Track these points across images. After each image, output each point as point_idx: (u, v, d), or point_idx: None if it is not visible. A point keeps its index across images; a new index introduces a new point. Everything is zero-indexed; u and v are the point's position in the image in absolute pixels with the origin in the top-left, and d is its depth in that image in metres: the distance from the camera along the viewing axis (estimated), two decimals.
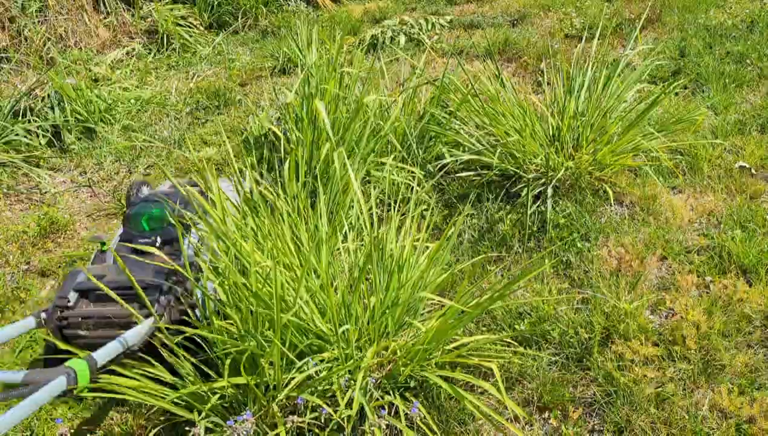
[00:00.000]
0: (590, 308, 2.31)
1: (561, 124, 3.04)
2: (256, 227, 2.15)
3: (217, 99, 4.70)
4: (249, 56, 5.60)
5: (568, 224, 2.74)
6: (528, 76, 4.41)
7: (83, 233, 3.32)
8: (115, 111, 4.61)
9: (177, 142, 4.15)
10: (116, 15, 6.27)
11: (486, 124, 3.13)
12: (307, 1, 6.76)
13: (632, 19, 4.83)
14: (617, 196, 2.88)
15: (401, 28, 5.45)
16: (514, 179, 2.98)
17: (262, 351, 1.85)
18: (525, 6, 5.63)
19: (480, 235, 2.79)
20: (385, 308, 2.11)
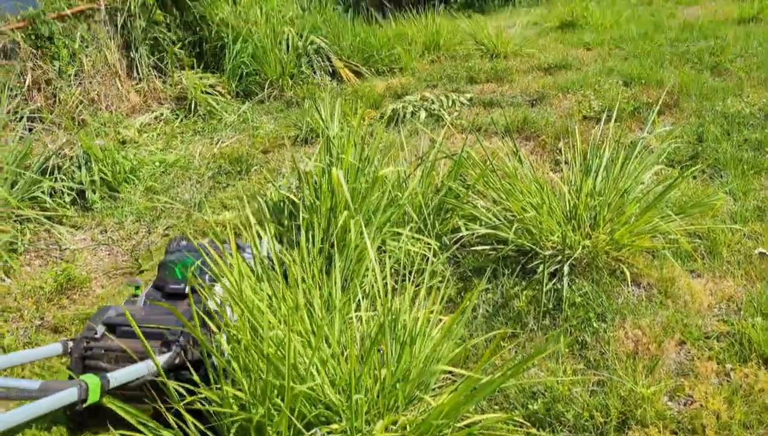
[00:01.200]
0: (606, 390, 2.24)
1: (578, 203, 3.05)
2: (271, 292, 2.15)
3: (239, 165, 4.80)
4: (273, 125, 5.75)
5: (585, 303, 2.70)
6: (546, 155, 4.46)
7: (98, 291, 3.33)
8: (140, 172, 4.72)
9: (197, 205, 4.22)
10: (148, 81, 6.52)
11: (503, 199, 3.15)
12: (332, 75, 7.00)
13: (650, 103, 4.92)
14: (635, 278, 2.85)
15: (422, 103, 5.60)
16: (530, 255, 2.97)
17: (270, 420, 1.81)
18: (544, 87, 5.77)
19: (495, 310, 2.76)
20: (396, 380, 2.07)
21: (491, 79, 6.30)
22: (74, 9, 5.90)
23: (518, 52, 7.01)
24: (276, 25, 6.88)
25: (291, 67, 6.70)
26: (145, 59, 6.53)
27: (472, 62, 6.84)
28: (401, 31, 7.92)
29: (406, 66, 7.05)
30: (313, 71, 6.91)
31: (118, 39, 6.41)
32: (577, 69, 6.26)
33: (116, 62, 6.33)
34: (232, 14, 6.75)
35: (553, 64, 6.42)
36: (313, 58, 6.98)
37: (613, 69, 5.95)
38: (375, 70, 7.05)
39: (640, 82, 5.42)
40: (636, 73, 5.61)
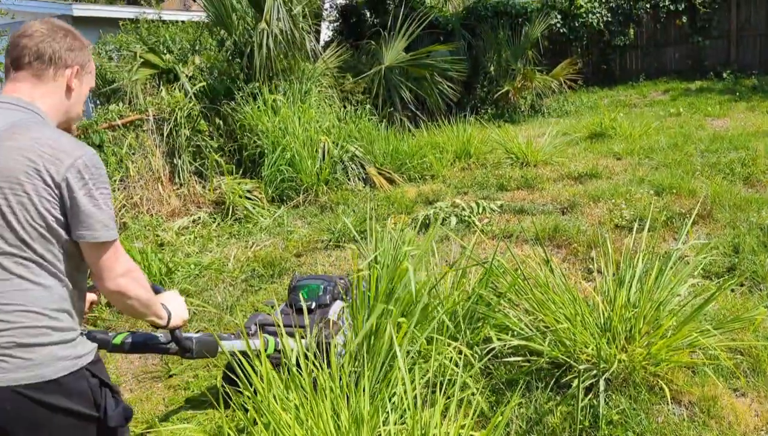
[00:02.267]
0: None
1: (612, 314, 3.00)
2: (299, 402, 2.12)
3: (272, 268, 4.87)
4: (307, 229, 5.87)
5: (623, 421, 2.59)
6: (578, 263, 4.44)
7: (126, 396, 3.32)
8: (175, 275, 4.82)
9: (229, 309, 4.25)
10: (188, 186, 6.79)
11: (535, 309, 3.11)
12: (365, 181, 7.20)
13: (682, 213, 4.91)
14: (674, 395, 2.73)
15: (453, 210, 5.68)
16: (565, 369, 2.89)
17: None
18: (574, 195, 5.82)
19: (528, 426, 2.65)
20: None
21: (521, 187, 6.39)
22: (125, 120, 6.28)
23: (548, 161, 7.15)
24: (313, 134, 7.19)
25: (326, 173, 6.92)
26: (187, 165, 6.84)
27: (503, 170, 6.99)
28: (433, 139, 8.20)
29: (437, 173, 7.23)
30: (347, 177, 7.13)
31: (163, 146, 6.76)
32: (608, 178, 6.33)
33: (160, 168, 6.64)
34: (272, 124, 7.09)
35: (583, 173, 6.51)
36: (348, 165, 7.22)
37: (644, 178, 6.01)
38: (407, 177, 7.24)
39: (672, 192, 5.44)
40: (667, 182, 5.65)
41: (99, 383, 1.58)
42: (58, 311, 1.50)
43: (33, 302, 1.45)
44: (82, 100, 1.73)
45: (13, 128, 1.48)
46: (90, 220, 1.49)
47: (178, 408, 3.19)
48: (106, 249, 1.53)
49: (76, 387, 1.50)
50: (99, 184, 1.51)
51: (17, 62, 1.59)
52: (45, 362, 1.45)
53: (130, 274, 1.61)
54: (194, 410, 3.18)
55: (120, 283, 1.57)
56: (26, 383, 1.42)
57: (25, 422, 1.43)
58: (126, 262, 1.60)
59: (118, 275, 1.56)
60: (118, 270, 1.57)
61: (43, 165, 1.45)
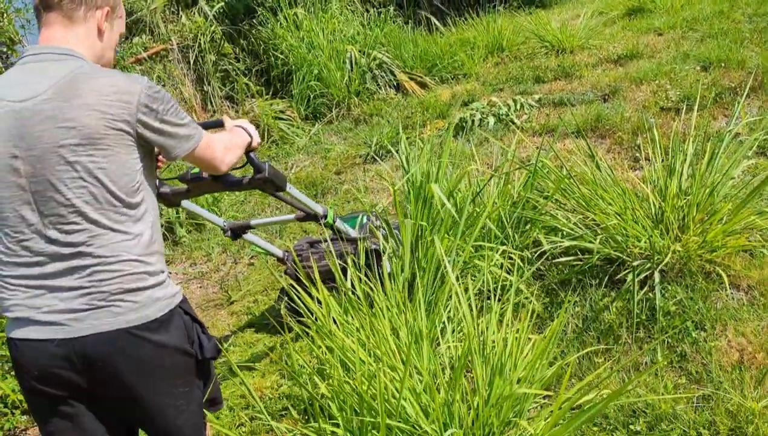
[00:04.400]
0: (712, 406, 2.14)
1: (664, 205, 2.93)
2: (358, 324, 2.18)
3: (315, 188, 4.91)
4: (343, 145, 5.84)
5: (680, 311, 2.59)
6: (623, 153, 4.32)
7: None
8: (222, 202, 4.90)
9: (278, 231, 4.33)
10: (221, 112, 6.77)
11: (583, 207, 3.07)
12: (397, 88, 7.04)
13: (732, 87, 4.67)
14: (733, 280, 2.70)
15: (490, 109, 5.53)
16: (618, 264, 2.88)
17: None
18: (615, 80, 5.58)
19: (585, 324, 2.69)
20: (490, 406, 2.05)
21: (559, 77, 6.14)
22: (150, 51, 6.21)
23: (585, 46, 6.80)
24: (338, 45, 6.99)
25: (356, 85, 6.78)
26: (218, 91, 6.80)
27: (538, 61, 6.71)
28: (462, 36, 7.87)
29: (470, 72, 6.99)
30: (377, 86, 6.97)
31: (191, 74, 6.71)
32: (650, 57, 6.01)
33: (191, 97, 6.62)
34: (296, 40, 6.92)
35: (623, 55, 6.20)
36: (377, 73, 7.04)
37: (689, 53, 5.69)
38: (439, 79, 7.03)
39: (720, 66, 5.15)
40: (714, 55, 5.34)
41: (191, 319, 1.68)
42: (150, 255, 1.58)
43: (129, 250, 1.52)
44: (113, 45, 1.72)
45: (73, 83, 1.48)
46: (175, 140, 1.58)
47: (243, 333, 3.33)
48: (202, 148, 1.65)
49: (175, 324, 1.60)
50: (166, 105, 1.56)
51: (47, 2, 1.56)
52: (147, 303, 1.54)
53: (229, 150, 1.76)
54: (258, 334, 3.32)
55: (227, 161, 1.74)
56: (137, 324, 1.51)
57: (138, 361, 1.53)
58: (218, 142, 1.72)
59: (224, 158, 1.72)
60: (219, 155, 1.71)
61: (117, 114, 1.48)
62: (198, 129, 1.65)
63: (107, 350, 1.49)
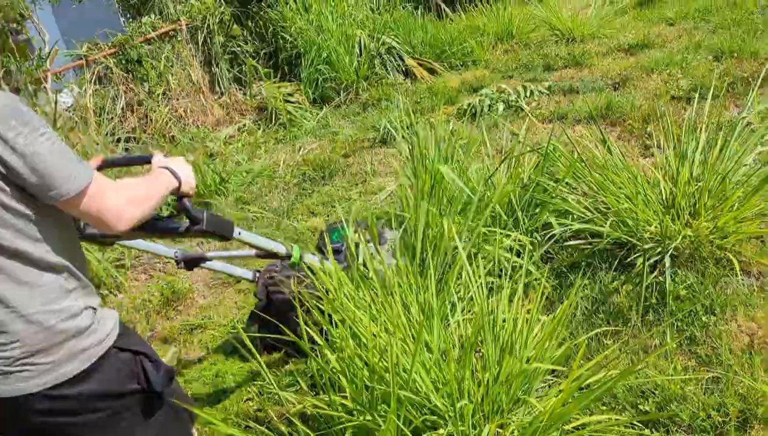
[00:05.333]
0: (722, 388, 2.14)
1: (675, 190, 2.92)
2: (370, 299, 2.18)
3: (323, 170, 4.90)
4: (351, 129, 5.83)
5: (690, 295, 2.59)
6: (634, 141, 4.30)
7: (201, 302, 3.49)
8: (228, 184, 4.90)
9: (286, 213, 4.34)
10: (229, 94, 6.76)
11: (594, 191, 3.06)
12: (405, 74, 7.01)
13: (744, 78, 4.64)
14: (743, 266, 2.70)
15: (499, 96, 5.51)
16: (628, 248, 2.87)
17: (378, 426, 1.85)
18: (626, 69, 5.55)
19: (594, 307, 2.69)
20: (500, 383, 2.05)
21: (569, 65, 6.12)
22: (159, 31, 6.20)
23: (595, 34, 6.78)
24: (347, 29, 6.96)
25: (364, 69, 6.76)
26: (226, 73, 6.78)
27: (548, 49, 6.68)
28: (472, 23, 7.84)
29: (479, 58, 6.97)
30: (386, 72, 6.95)
31: (200, 56, 6.69)
32: (661, 47, 5.99)
33: (199, 78, 6.60)
34: (305, 22, 6.89)
35: (634, 44, 6.17)
36: (386, 58, 7.01)
37: (701, 43, 5.66)
38: (448, 66, 7.01)
39: (732, 56, 5.12)
40: (726, 45, 5.31)
41: (131, 354, 1.46)
42: (63, 298, 1.33)
43: (31, 302, 1.28)
44: None
45: None
46: (47, 177, 1.22)
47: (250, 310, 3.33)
48: (87, 196, 1.27)
49: (107, 368, 1.39)
50: (31, 131, 1.21)
51: None
52: (67, 360, 1.32)
53: (133, 202, 1.37)
54: None
55: (127, 217, 1.34)
56: (54, 384, 1.31)
57: (66, 424, 1.35)
58: (115, 191, 1.33)
59: (121, 213, 1.32)
60: (114, 209, 1.31)
61: None
62: (84, 170, 1.27)
63: (27, 417, 1.32)
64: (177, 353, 3.05)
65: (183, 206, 1.66)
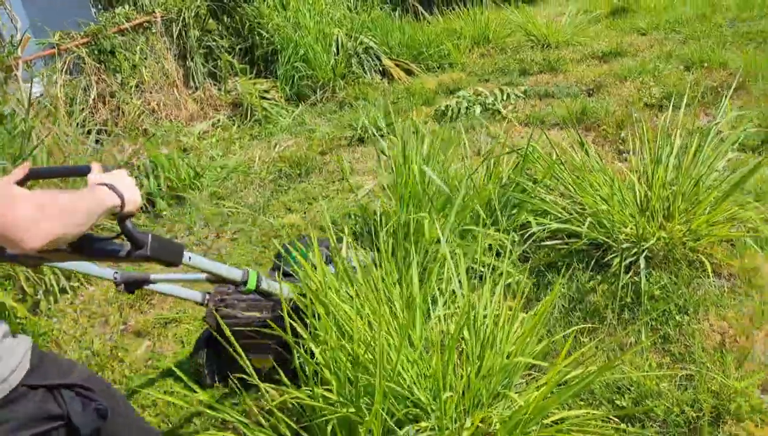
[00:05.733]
0: (696, 384, 2.20)
1: (650, 193, 2.99)
2: (354, 293, 2.18)
3: (299, 168, 4.88)
4: (328, 127, 5.81)
5: (664, 295, 2.65)
6: (608, 145, 4.38)
7: None
8: (203, 179, 4.84)
9: (262, 209, 4.30)
10: (204, 89, 6.68)
11: (572, 192, 3.11)
12: (382, 74, 7.02)
13: (714, 87, 4.78)
14: (715, 268, 2.77)
15: (476, 98, 5.56)
16: (604, 249, 2.93)
17: (361, 418, 1.84)
18: (600, 76, 5.66)
19: (571, 305, 2.73)
20: (481, 377, 2.07)
21: (544, 71, 6.21)
22: (133, 22, 6.09)
23: (570, 42, 6.89)
24: (325, 27, 6.95)
25: (341, 68, 6.75)
26: (200, 68, 6.70)
27: (524, 54, 6.77)
28: (449, 26, 7.89)
29: (456, 61, 7.02)
30: (363, 71, 6.95)
31: (174, 49, 6.59)
32: (633, 55, 6.12)
33: (173, 72, 6.51)
34: (282, 19, 6.85)
35: (608, 52, 6.29)
36: (363, 58, 7.01)
37: (672, 53, 5.80)
38: (425, 67, 7.04)
39: (702, 66, 5.26)
40: (697, 56, 5.45)
41: (46, 390, 1.26)
42: None
43: None
44: None
45: None
46: None
47: None
48: None
49: (14, 414, 1.19)
50: None
51: None
52: None
53: (48, 217, 1.10)
54: None
55: (36, 234, 1.07)
56: None
57: None
58: (28, 201, 1.09)
59: (29, 227, 1.06)
60: (21, 223, 1.05)
61: None
62: None
63: None
64: (151, 347, 3.00)
65: (125, 228, 1.47)
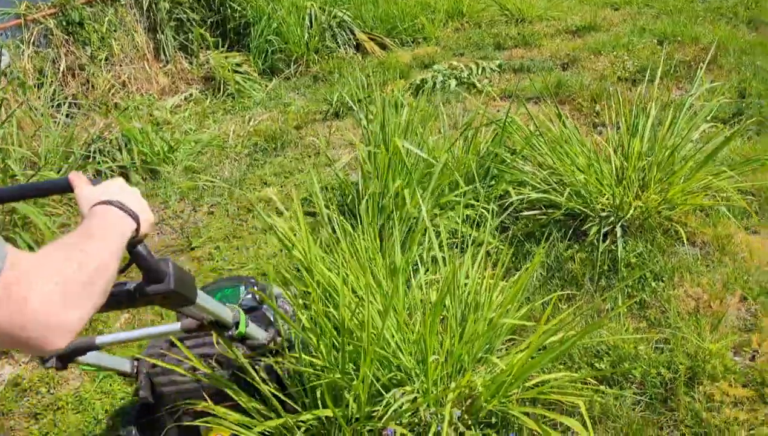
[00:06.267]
0: (671, 348, 2.25)
1: (626, 164, 3.03)
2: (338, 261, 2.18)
3: (274, 142, 4.82)
4: (302, 100, 5.75)
5: (640, 263, 2.70)
6: (583, 118, 4.42)
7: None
8: (177, 153, 4.76)
9: (238, 183, 4.25)
10: (175, 63, 6.53)
11: (551, 163, 3.14)
12: (357, 48, 6.94)
13: (686, 61, 4.84)
14: (689, 236, 2.83)
15: (451, 72, 5.55)
16: (581, 218, 2.97)
17: (348, 384, 1.85)
18: (574, 50, 5.69)
19: (550, 273, 2.77)
20: (464, 342, 2.10)
21: (519, 45, 6.22)
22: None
23: (544, 16, 6.90)
24: (298, 0, 6.84)
25: (315, 42, 6.66)
26: (171, 41, 6.54)
27: (498, 28, 6.76)
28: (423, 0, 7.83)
29: (430, 35, 6.98)
30: (337, 45, 6.87)
31: (144, 21, 6.43)
32: (607, 30, 6.16)
33: (144, 45, 6.35)
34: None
35: (582, 27, 6.32)
36: (337, 32, 6.92)
37: (645, 28, 5.85)
38: (399, 41, 6.99)
39: (675, 40, 5.33)
40: (669, 31, 5.51)
41: None
42: None
43: None
44: None
45: None
46: None
47: (205, 278, 3.27)
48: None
49: None
50: None
51: None
52: None
53: (65, 285, 0.76)
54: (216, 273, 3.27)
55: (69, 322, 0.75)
56: None
57: None
58: (46, 275, 0.74)
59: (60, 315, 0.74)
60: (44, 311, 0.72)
61: None
62: None
63: None
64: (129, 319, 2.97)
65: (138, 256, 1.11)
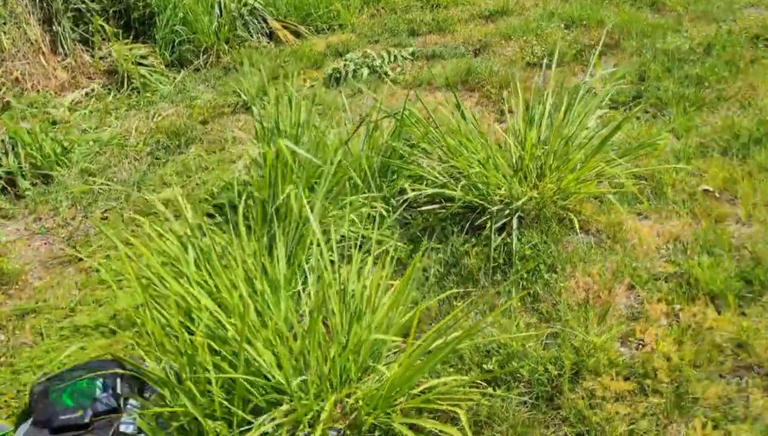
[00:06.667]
0: (559, 342, 2.24)
1: (524, 154, 3.01)
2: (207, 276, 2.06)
3: (178, 138, 4.61)
4: (211, 94, 5.53)
5: (534, 255, 2.69)
6: (491, 106, 4.40)
7: (36, 284, 3.18)
8: (72, 154, 4.49)
9: (136, 184, 4.04)
10: (75, 56, 6.16)
11: (448, 156, 3.08)
12: (270, 36, 6.74)
13: (591, 45, 4.88)
14: (583, 225, 2.84)
15: (364, 61, 5.44)
16: (479, 211, 2.93)
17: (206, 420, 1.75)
18: (486, 35, 5.67)
19: (446, 270, 2.72)
20: (348, 353, 2.02)
21: (433, 31, 6.16)
22: None
23: (458, 1, 6.86)
24: None
25: (226, 31, 6.41)
26: (69, 33, 6.16)
27: (413, 14, 6.68)
28: None
29: (345, 22, 6.83)
30: (249, 34, 6.64)
31: (38, 12, 6.03)
32: (518, 14, 6.17)
33: (38, 38, 5.96)
34: None
35: (494, 11, 6.31)
36: (248, 20, 6.69)
37: (554, 12, 5.88)
38: (314, 29, 6.81)
39: (582, 24, 5.37)
40: (577, 14, 5.55)
41: None
42: None
43: None
44: None
45: None
46: None
47: (93, 291, 3.08)
48: None
49: None
50: None
51: None
52: None
53: None
54: (110, 291, 3.09)
55: None
56: None
57: None
58: None
59: None
60: None
61: None
62: None
63: None
64: (5, 342, 2.76)
65: None
